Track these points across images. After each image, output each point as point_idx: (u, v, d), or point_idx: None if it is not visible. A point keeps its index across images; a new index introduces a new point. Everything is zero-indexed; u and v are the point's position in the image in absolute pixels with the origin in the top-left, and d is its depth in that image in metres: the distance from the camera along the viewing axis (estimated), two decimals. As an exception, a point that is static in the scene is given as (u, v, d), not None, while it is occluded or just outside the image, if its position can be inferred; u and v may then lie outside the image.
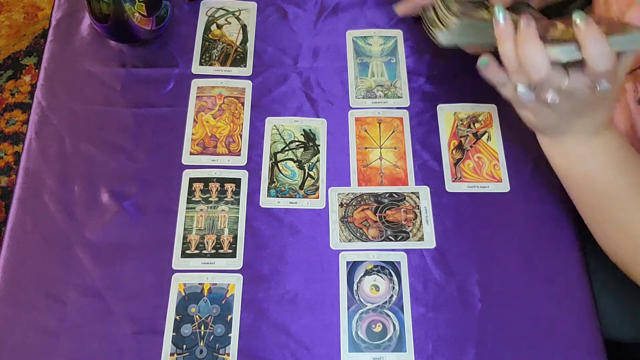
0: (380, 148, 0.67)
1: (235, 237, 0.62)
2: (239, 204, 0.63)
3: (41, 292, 0.58)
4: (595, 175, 0.54)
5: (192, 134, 0.67)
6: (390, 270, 0.60)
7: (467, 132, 0.68)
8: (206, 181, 0.64)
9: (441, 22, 0.52)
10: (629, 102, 0.62)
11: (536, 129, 0.55)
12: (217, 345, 0.57)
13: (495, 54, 0.51)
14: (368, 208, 0.64)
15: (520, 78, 0.49)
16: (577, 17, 0.45)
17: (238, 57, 0.72)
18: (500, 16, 0.48)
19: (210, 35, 0.73)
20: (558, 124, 0.53)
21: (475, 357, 0.57)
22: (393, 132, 0.68)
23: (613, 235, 0.55)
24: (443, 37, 0.52)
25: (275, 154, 0.66)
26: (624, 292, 0.66)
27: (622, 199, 0.53)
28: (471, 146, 0.67)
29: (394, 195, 0.64)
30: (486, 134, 0.68)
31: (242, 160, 0.66)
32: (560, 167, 0.56)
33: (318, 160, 0.66)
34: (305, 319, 0.58)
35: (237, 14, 0.75)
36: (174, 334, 0.57)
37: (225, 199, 0.64)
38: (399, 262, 0.61)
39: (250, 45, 0.73)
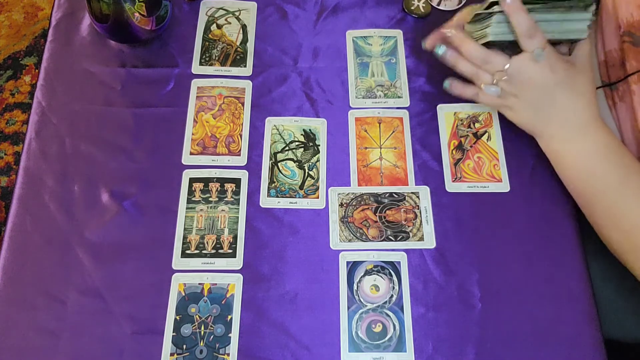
0: (380, 148, 0.67)
1: (235, 237, 0.62)
2: (239, 204, 0.63)
3: (41, 292, 0.58)
4: (588, 171, 0.57)
5: (192, 134, 0.67)
6: (390, 270, 0.60)
7: (467, 132, 0.68)
8: (206, 181, 0.64)
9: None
10: (635, 105, 0.62)
11: (525, 128, 0.61)
12: (217, 345, 0.57)
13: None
14: (368, 208, 0.64)
15: (481, 78, 0.60)
16: None
17: (238, 57, 0.72)
18: (440, 50, 0.62)
19: (210, 35, 0.73)
20: (537, 116, 0.59)
21: (475, 357, 0.57)
22: (393, 132, 0.68)
23: (612, 230, 0.57)
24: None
25: (275, 154, 0.66)
26: (624, 292, 0.66)
27: (617, 196, 0.55)
28: (471, 146, 0.67)
29: (394, 195, 0.64)
30: (486, 134, 0.68)
31: (242, 160, 0.66)
32: (557, 166, 0.60)
33: (318, 160, 0.66)
34: (305, 319, 0.58)
35: (237, 14, 0.75)
36: (174, 334, 0.57)
37: (225, 199, 0.64)
38: (399, 262, 0.61)
39: (250, 45, 0.73)
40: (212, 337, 0.57)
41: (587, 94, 0.57)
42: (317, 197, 0.64)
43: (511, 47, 0.58)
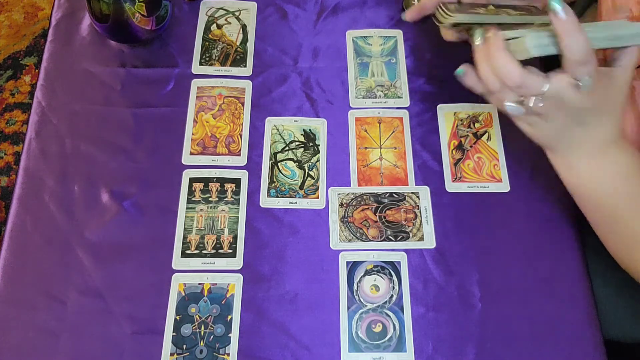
0: (380, 148, 0.67)
1: (235, 237, 0.62)
2: (239, 204, 0.63)
3: (41, 292, 0.58)
4: (606, 191, 0.52)
5: (192, 134, 0.67)
6: (390, 270, 0.60)
7: (467, 132, 0.68)
8: (206, 181, 0.64)
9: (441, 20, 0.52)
10: (637, 101, 0.61)
11: (540, 142, 0.54)
12: (217, 345, 0.57)
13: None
14: (368, 208, 0.64)
15: (505, 95, 0.49)
16: (555, 3, 0.43)
17: (238, 57, 0.72)
18: (479, 41, 0.49)
19: (210, 35, 0.73)
20: (559, 136, 0.51)
21: (475, 357, 0.57)
22: (393, 132, 0.68)
23: (625, 247, 0.54)
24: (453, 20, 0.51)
25: (275, 154, 0.66)
26: (624, 292, 0.66)
27: (634, 214, 0.52)
28: (471, 146, 0.67)
29: (394, 195, 0.64)
30: (486, 134, 0.68)
31: (242, 160, 0.66)
32: (570, 184, 0.55)
33: (318, 160, 0.66)
34: (305, 319, 0.58)
35: (237, 14, 0.75)
36: (174, 334, 0.57)
37: (225, 199, 0.64)
38: (399, 262, 0.61)
39: (250, 45, 0.73)
40: (212, 337, 0.57)
41: (615, 113, 0.51)
42: (317, 197, 0.64)
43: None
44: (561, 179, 0.55)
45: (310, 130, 0.68)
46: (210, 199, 0.64)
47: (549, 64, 0.50)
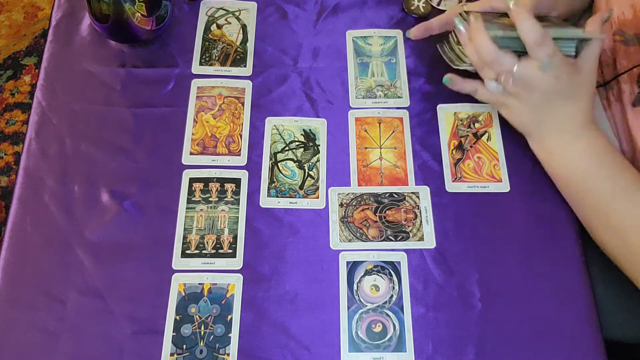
0: (380, 148, 0.67)
1: (235, 237, 0.62)
2: (239, 204, 0.63)
3: (41, 292, 0.58)
4: (581, 175, 0.58)
5: (192, 134, 0.67)
6: (390, 270, 0.60)
7: (467, 132, 0.68)
8: (206, 181, 0.64)
9: (459, 59, 0.63)
10: (625, 104, 0.62)
11: (518, 127, 0.62)
12: (217, 345, 0.57)
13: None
14: (368, 208, 0.64)
15: (486, 72, 0.59)
16: (510, 2, 0.54)
17: (238, 57, 0.72)
18: (460, 27, 0.59)
19: (210, 35, 0.73)
20: (533, 119, 0.59)
21: (475, 357, 0.57)
22: (393, 132, 0.68)
23: (602, 230, 0.58)
24: (467, 65, 0.63)
25: (275, 154, 0.66)
26: (624, 292, 0.66)
27: (608, 198, 0.56)
28: (471, 146, 0.67)
29: (394, 195, 0.64)
30: (486, 134, 0.68)
31: (242, 160, 0.66)
32: (549, 168, 0.61)
33: (318, 160, 0.66)
34: (305, 319, 0.58)
35: (237, 14, 0.75)
36: (174, 334, 0.57)
37: (225, 199, 0.64)
38: (399, 262, 0.61)
39: (250, 45, 0.73)
40: (212, 337, 0.57)
41: (585, 98, 0.57)
42: (317, 197, 0.64)
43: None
44: (542, 165, 0.61)
45: (310, 130, 0.68)
46: (210, 199, 0.64)
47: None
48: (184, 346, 0.57)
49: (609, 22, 0.63)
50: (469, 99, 0.69)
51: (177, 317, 0.58)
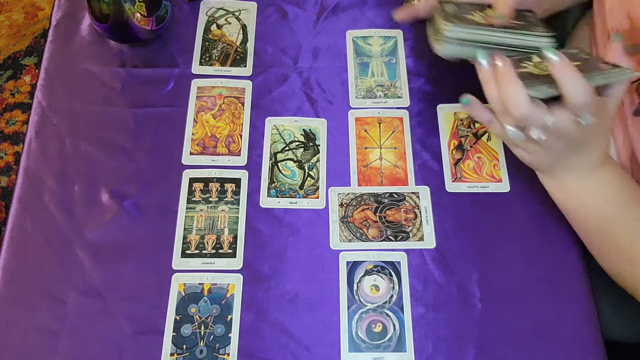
0: (380, 148, 0.67)
1: (235, 237, 0.62)
2: (239, 204, 0.63)
3: (41, 292, 0.58)
4: (595, 206, 0.55)
5: (192, 134, 0.67)
6: (390, 270, 0.60)
7: (467, 132, 0.68)
8: (206, 181, 0.64)
9: (438, 32, 0.55)
10: (626, 115, 0.62)
11: (533, 167, 0.56)
12: (217, 345, 0.57)
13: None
14: (368, 208, 0.64)
15: (507, 118, 0.50)
16: (549, 53, 0.46)
17: (238, 57, 0.72)
18: (484, 61, 0.50)
19: (210, 35, 0.73)
20: (555, 162, 0.53)
21: (475, 357, 0.57)
22: (393, 132, 0.68)
23: (614, 259, 0.56)
24: (440, 47, 0.55)
25: (275, 154, 0.67)
26: (624, 293, 0.66)
27: (621, 228, 0.54)
28: (471, 146, 0.67)
29: (394, 195, 0.64)
30: (486, 134, 0.68)
31: (242, 160, 0.66)
32: (559, 201, 0.57)
33: (318, 160, 0.66)
34: (305, 319, 0.58)
35: (237, 14, 0.75)
36: (174, 334, 0.57)
37: (225, 199, 0.64)
38: (399, 262, 0.61)
39: (250, 45, 0.73)
40: (212, 337, 0.57)
41: (605, 137, 0.53)
42: (317, 197, 0.64)
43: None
44: (550, 195, 0.58)
45: (310, 130, 0.68)
46: (210, 199, 0.64)
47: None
48: (184, 346, 0.57)
49: (604, 32, 0.62)
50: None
51: (177, 317, 0.58)
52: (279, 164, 0.66)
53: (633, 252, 0.54)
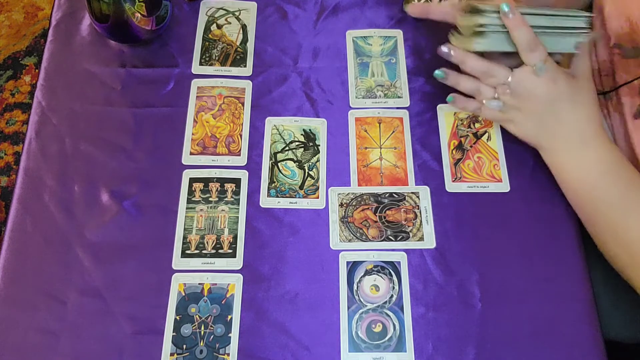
0: (380, 148, 0.67)
1: (235, 237, 0.62)
2: (239, 204, 0.63)
3: (41, 292, 0.58)
4: (590, 184, 0.57)
5: (192, 134, 0.67)
6: (390, 270, 0.60)
7: (467, 132, 0.68)
8: (206, 181, 0.64)
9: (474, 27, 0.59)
10: (626, 117, 0.62)
11: (527, 140, 0.61)
12: (217, 345, 0.57)
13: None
14: (368, 208, 0.64)
15: (483, 94, 0.59)
16: (504, 6, 0.54)
17: (238, 57, 0.72)
18: (441, 74, 0.61)
19: (210, 35, 0.73)
20: (539, 129, 0.58)
21: (475, 357, 0.57)
22: (393, 132, 0.68)
23: (612, 243, 0.57)
24: (481, 41, 0.58)
25: (275, 154, 0.66)
26: (623, 293, 0.66)
27: (619, 211, 0.55)
28: (471, 146, 0.67)
29: (394, 195, 0.64)
30: (486, 134, 0.68)
31: (242, 160, 0.66)
32: (560, 180, 0.60)
33: (318, 160, 0.66)
34: (305, 319, 0.58)
35: (237, 14, 0.75)
36: (174, 334, 0.57)
37: (225, 199, 0.64)
38: (399, 262, 0.61)
39: (250, 45, 0.73)
40: (212, 337, 0.57)
41: (589, 106, 0.57)
42: (317, 197, 0.64)
43: (506, 55, 0.58)
44: (555, 178, 0.60)
45: (310, 130, 0.68)
46: (210, 199, 0.64)
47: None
48: (184, 346, 0.57)
49: (605, 36, 0.64)
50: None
51: (177, 317, 0.58)
52: (279, 164, 0.66)
53: (628, 239, 0.55)
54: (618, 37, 0.62)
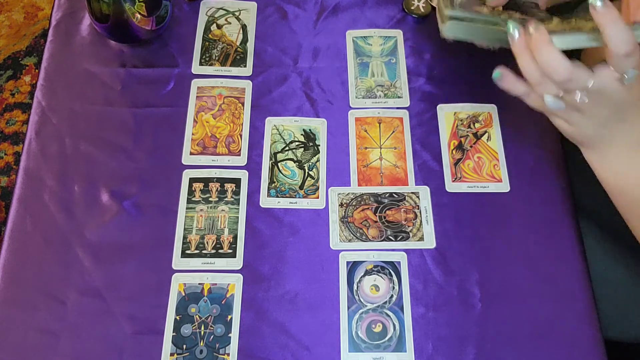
0: (380, 148, 0.67)
1: (235, 237, 0.62)
2: (239, 204, 0.63)
3: (41, 292, 0.58)
4: None
5: (192, 134, 0.67)
6: (390, 270, 0.60)
7: (467, 132, 0.68)
8: (206, 181, 0.64)
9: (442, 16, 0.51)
10: None
11: (576, 141, 0.52)
12: (217, 345, 0.57)
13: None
14: (368, 208, 0.64)
15: (545, 87, 0.47)
16: (596, 0, 0.42)
17: (238, 57, 0.72)
18: (515, 32, 0.46)
19: (210, 35, 0.73)
20: (598, 133, 0.50)
21: (475, 357, 0.57)
22: (393, 132, 0.68)
23: None
24: (445, 29, 0.50)
25: (275, 154, 0.66)
26: (624, 292, 0.66)
27: None
28: (471, 146, 0.67)
29: (394, 195, 0.64)
30: (486, 134, 0.68)
31: (242, 160, 0.66)
32: (606, 179, 0.53)
33: (318, 160, 0.66)
34: (305, 319, 0.58)
35: (237, 14, 0.75)
36: (174, 334, 0.57)
37: (225, 199, 0.64)
38: (399, 262, 0.61)
39: (250, 45, 0.73)
40: (212, 337, 0.57)
41: None
42: (317, 197, 0.64)
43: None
44: (596, 175, 0.53)
45: (310, 130, 0.68)
46: (210, 199, 0.64)
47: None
48: (184, 346, 0.57)
49: None
50: (469, 98, 0.69)
51: (177, 317, 0.58)
52: (279, 164, 0.66)
53: None
54: None
